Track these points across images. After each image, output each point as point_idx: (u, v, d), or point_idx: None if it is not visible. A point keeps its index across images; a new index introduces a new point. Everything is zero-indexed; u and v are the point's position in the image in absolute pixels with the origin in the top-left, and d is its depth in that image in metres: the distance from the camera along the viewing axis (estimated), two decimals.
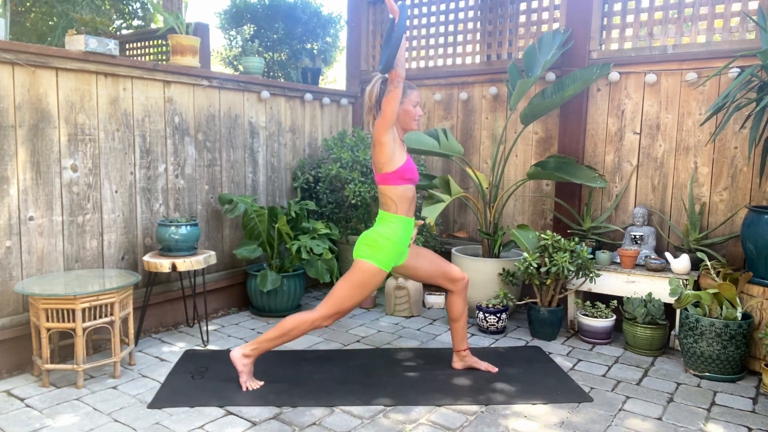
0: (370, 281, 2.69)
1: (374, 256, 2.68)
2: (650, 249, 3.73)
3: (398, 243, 2.73)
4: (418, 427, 2.46)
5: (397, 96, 2.57)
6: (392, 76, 2.55)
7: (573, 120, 4.03)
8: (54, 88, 3.05)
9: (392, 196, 2.71)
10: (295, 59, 6.66)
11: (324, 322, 2.71)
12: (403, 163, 2.70)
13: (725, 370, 2.98)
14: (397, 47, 2.46)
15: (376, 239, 2.70)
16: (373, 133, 2.67)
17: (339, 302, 2.70)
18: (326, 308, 2.70)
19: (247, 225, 3.91)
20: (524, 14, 4.35)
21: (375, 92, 2.73)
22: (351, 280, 2.69)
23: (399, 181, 2.70)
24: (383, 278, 2.73)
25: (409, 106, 2.74)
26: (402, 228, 2.75)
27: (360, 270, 2.69)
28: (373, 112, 2.76)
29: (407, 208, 2.75)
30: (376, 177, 2.76)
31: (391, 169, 2.67)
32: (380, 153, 2.66)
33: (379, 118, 2.62)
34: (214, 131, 3.94)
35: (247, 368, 2.78)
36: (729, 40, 3.54)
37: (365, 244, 2.71)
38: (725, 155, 3.58)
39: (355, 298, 2.70)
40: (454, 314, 3.00)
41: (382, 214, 2.77)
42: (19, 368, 2.99)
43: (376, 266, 2.68)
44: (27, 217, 2.98)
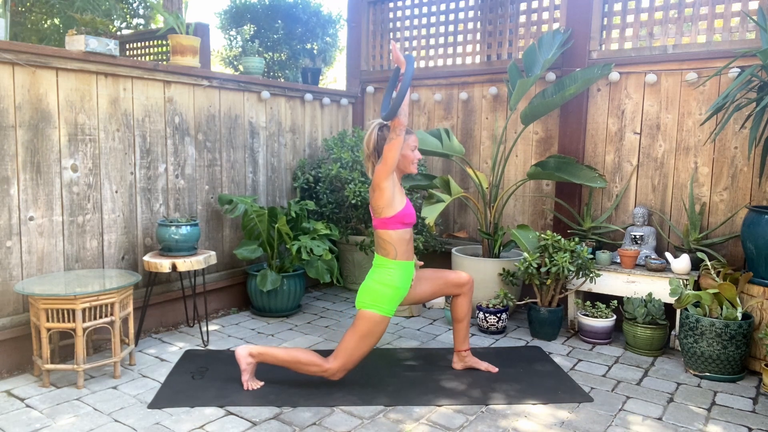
0: (376, 329, 2.70)
1: (376, 305, 2.69)
2: (650, 249, 3.73)
3: (399, 287, 2.75)
4: (418, 427, 2.46)
5: (400, 144, 2.59)
6: (395, 124, 2.57)
7: (573, 120, 4.03)
8: (54, 88, 3.05)
9: (391, 240, 2.73)
10: (295, 59, 6.66)
11: (335, 375, 2.74)
12: (402, 207, 2.72)
13: (725, 370, 2.98)
14: (402, 98, 2.50)
15: (376, 288, 2.71)
16: (373, 178, 2.68)
17: (347, 355, 2.71)
18: (338, 362, 2.71)
19: (247, 225, 3.91)
20: (524, 14, 4.35)
21: (373, 139, 2.75)
22: (357, 331, 2.70)
23: (398, 225, 2.72)
24: (388, 324, 2.75)
25: (408, 151, 2.76)
26: (402, 273, 2.76)
27: (364, 320, 2.70)
28: (372, 159, 2.78)
29: (405, 251, 2.76)
30: (374, 221, 2.77)
31: (391, 213, 2.69)
32: (380, 198, 2.67)
33: (380, 164, 2.63)
34: (215, 131, 3.94)
35: (250, 367, 2.79)
36: (729, 40, 3.54)
37: (366, 295, 2.72)
38: (725, 155, 3.58)
39: (363, 349, 2.72)
40: (458, 315, 3.00)
41: (379, 260, 2.78)
42: (20, 368, 2.99)
43: (379, 314, 2.69)
44: (27, 217, 2.98)
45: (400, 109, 2.54)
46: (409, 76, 2.50)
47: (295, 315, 4.04)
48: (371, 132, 2.75)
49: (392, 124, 2.58)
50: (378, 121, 2.76)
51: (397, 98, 2.50)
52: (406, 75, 2.50)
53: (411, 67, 2.52)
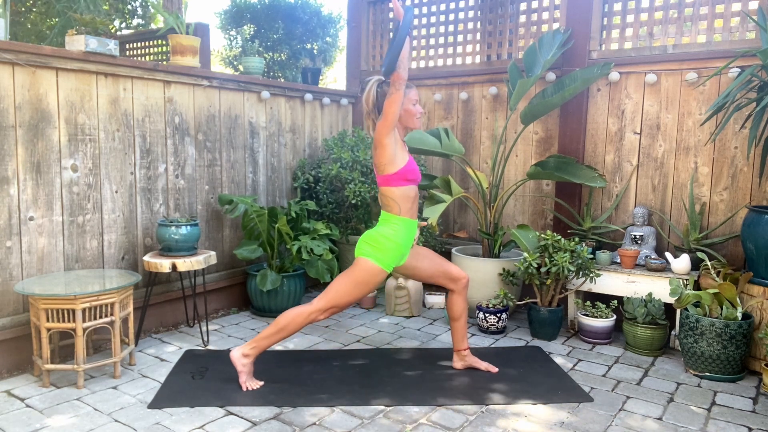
0: (370, 280, 2.69)
1: (376, 255, 2.68)
2: (650, 249, 3.73)
3: (401, 244, 2.73)
4: (418, 427, 2.46)
5: (400, 98, 2.56)
6: (394, 78, 2.54)
7: (573, 120, 4.03)
8: (54, 88, 3.05)
9: (395, 197, 2.70)
10: (295, 59, 6.66)
11: (320, 315, 2.71)
12: (405, 164, 2.69)
13: (725, 370, 2.98)
14: (399, 49, 2.44)
15: (378, 239, 2.70)
16: (374, 135, 2.66)
17: (337, 297, 2.69)
18: (323, 302, 2.70)
19: (247, 225, 3.91)
20: (524, 14, 4.35)
21: (372, 96, 2.73)
22: (351, 276, 2.69)
23: (401, 182, 2.70)
24: (384, 278, 2.73)
25: (409, 105, 2.73)
26: (405, 229, 2.74)
27: (361, 268, 2.68)
28: (372, 116, 2.76)
29: (410, 209, 2.75)
30: (377, 178, 2.75)
31: (394, 170, 2.67)
32: (382, 155, 2.65)
33: (381, 120, 2.61)
34: (215, 131, 3.94)
35: (246, 368, 2.78)
36: (729, 40, 3.54)
37: (368, 243, 2.71)
38: (725, 155, 3.58)
39: (353, 295, 2.70)
40: (454, 313, 3.00)
41: (384, 216, 2.76)
42: (20, 368, 2.99)
43: (377, 265, 2.68)
44: (27, 217, 2.98)
45: (398, 62, 2.49)
46: (406, 26, 2.41)
47: None
48: (370, 88, 2.72)
49: (392, 78, 2.54)
50: (377, 78, 2.73)
51: (394, 50, 2.43)
52: (404, 25, 2.41)
53: (409, 17, 2.43)
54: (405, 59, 2.52)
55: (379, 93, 2.71)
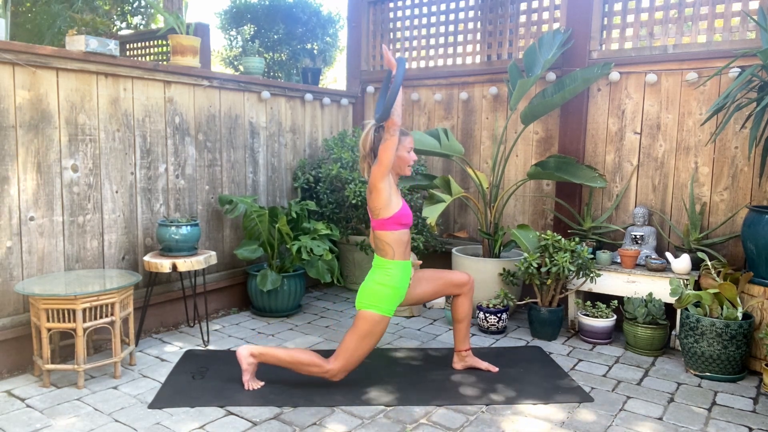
0: (376, 329, 2.71)
1: (376, 305, 2.70)
2: (651, 249, 3.72)
3: (398, 287, 2.76)
4: (418, 427, 2.46)
5: (394, 144, 2.60)
6: (389, 124, 2.58)
7: (573, 120, 4.03)
8: (54, 88, 3.05)
9: (389, 242, 2.74)
10: (296, 59, 6.66)
11: (337, 376, 2.74)
12: (399, 208, 2.72)
13: (726, 370, 2.97)
14: (394, 99, 2.51)
15: (374, 289, 2.72)
16: (369, 179, 2.70)
17: (349, 355, 2.72)
18: (339, 363, 2.72)
19: (247, 225, 3.91)
20: (524, 14, 4.35)
21: (369, 140, 2.76)
22: (357, 332, 2.71)
23: (395, 226, 2.73)
24: (387, 324, 2.76)
25: (404, 153, 2.77)
26: (400, 272, 2.77)
27: (364, 320, 2.70)
28: (368, 160, 2.79)
29: (403, 252, 2.78)
30: (372, 222, 2.78)
31: (388, 215, 2.70)
32: (377, 199, 2.68)
33: (376, 165, 2.64)
34: (215, 131, 3.94)
35: (251, 368, 2.79)
36: (729, 40, 3.54)
37: (365, 295, 2.73)
38: (726, 155, 3.58)
39: (364, 349, 2.72)
40: (459, 315, 3.00)
41: (378, 261, 2.79)
42: (20, 368, 2.99)
43: (379, 314, 2.70)
44: (27, 218, 2.98)
45: (393, 109, 2.55)
46: (399, 77, 2.53)
47: (296, 315, 4.04)
48: (367, 133, 2.76)
49: (386, 124, 2.59)
50: (374, 122, 2.77)
51: (389, 99, 2.52)
52: (397, 76, 2.53)
53: (402, 68, 2.55)
54: (398, 107, 2.59)
55: (376, 137, 2.74)
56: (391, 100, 2.51)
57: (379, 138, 2.72)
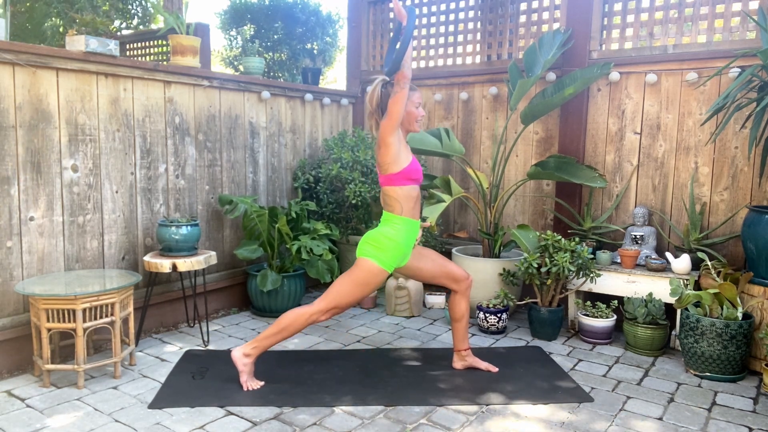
0: (372, 280, 2.69)
1: (377, 255, 2.68)
2: (651, 249, 3.72)
3: (402, 245, 2.73)
4: (418, 427, 2.46)
5: (404, 97, 2.57)
6: (399, 77, 2.55)
7: (573, 120, 4.03)
8: (54, 88, 3.05)
9: (397, 197, 2.70)
10: (296, 59, 6.66)
11: (321, 317, 2.71)
12: (409, 163, 2.70)
13: (726, 370, 2.98)
14: (404, 50, 2.48)
15: (380, 239, 2.70)
16: (378, 134, 2.66)
17: (338, 297, 2.70)
18: (324, 302, 2.70)
19: (247, 225, 3.91)
20: (524, 14, 4.35)
21: (376, 96, 2.73)
22: (352, 277, 2.69)
23: (404, 181, 2.70)
24: (385, 278, 2.73)
25: (412, 108, 2.74)
26: (407, 229, 2.74)
27: (362, 268, 2.68)
28: (375, 116, 2.76)
29: (412, 209, 2.74)
30: (380, 178, 2.75)
31: (397, 169, 2.67)
32: (386, 154, 2.65)
33: (386, 119, 2.61)
34: (215, 131, 3.94)
35: (247, 368, 2.79)
36: (729, 40, 3.54)
37: (369, 243, 2.71)
38: (726, 155, 3.58)
39: (355, 296, 2.70)
40: (456, 314, 2.99)
41: (386, 215, 2.76)
42: (20, 368, 2.99)
43: (378, 266, 2.67)
44: (27, 218, 2.98)
45: (403, 61, 2.51)
46: (410, 28, 2.47)
47: None
48: (375, 88, 2.73)
49: (396, 77, 2.56)
50: (381, 78, 2.74)
51: (399, 51, 2.48)
52: (408, 27, 2.48)
53: (413, 18, 2.49)
54: (408, 59, 2.56)
55: (383, 93, 2.72)
56: (402, 51, 2.47)
57: (387, 94, 2.69)
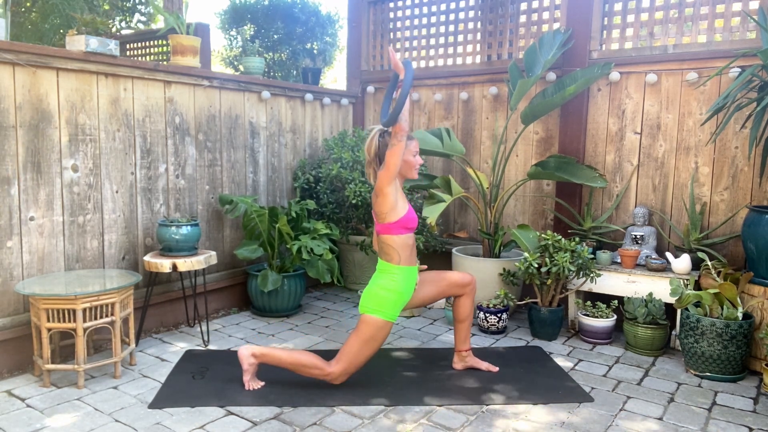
0: (378, 334, 2.70)
1: (380, 310, 2.69)
2: (651, 249, 3.72)
3: (402, 293, 2.75)
4: (418, 427, 2.46)
5: (401, 149, 2.59)
6: (396, 130, 2.57)
7: (573, 120, 4.03)
8: (55, 88, 3.05)
9: (395, 246, 2.73)
10: (296, 59, 6.66)
11: (337, 379, 2.75)
12: (405, 212, 2.72)
13: (726, 370, 2.97)
14: (402, 104, 2.50)
15: (379, 293, 2.71)
16: (375, 184, 2.69)
17: (350, 358, 2.72)
18: (340, 366, 2.72)
19: (247, 225, 3.91)
20: (524, 14, 4.35)
21: (374, 145, 2.75)
22: (360, 336, 2.71)
23: (401, 230, 2.72)
24: (390, 329, 2.75)
25: (410, 157, 2.77)
26: (405, 278, 2.76)
27: (367, 324, 2.70)
28: (373, 165, 2.78)
29: (409, 256, 2.77)
30: (377, 226, 2.77)
31: (394, 219, 2.69)
32: (384, 203, 2.67)
33: (383, 170, 2.63)
34: (215, 131, 3.94)
35: (252, 368, 2.79)
36: (730, 40, 3.54)
37: (370, 300, 2.72)
38: (726, 155, 3.58)
39: (366, 353, 2.72)
40: (460, 315, 3.00)
41: (383, 265, 2.78)
42: (20, 368, 2.99)
43: (382, 319, 2.69)
44: (28, 217, 2.98)
45: (400, 115, 2.54)
46: (408, 82, 2.51)
47: (296, 315, 4.04)
48: (372, 138, 2.75)
49: (393, 130, 2.58)
50: (379, 128, 2.77)
51: (398, 105, 2.50)
52: (406, 81, 2.51)
53: (410, 72, 2.52)
54: (406, 112, 2.58)
55: (381, 143, 2.73)
56: (400, 105, 2.49)
57: (385, 143, 2.71)
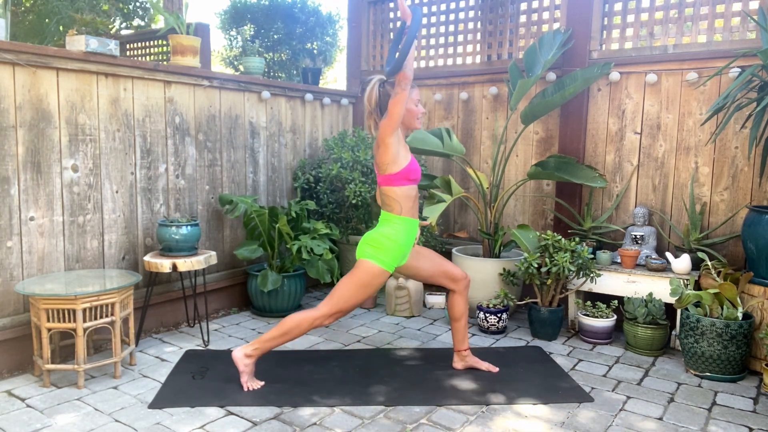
0: (373, 281, 2.68)
1: (377, 256, 2.67)
2: (651, 249, 3.72)
3: (402, 244, 2.72)
4: (418, 427, 2.46)
5: (405, 98, 2.55)
6: (400, 77, 2.53)
7: (573, 120, 4.03)
8: (55, 88, 3.05)
9: (396, 197, 2.70)
10: (296, 59, 6.66)
11: (325, 321, 2.71)
12: (408, 163, 2.69)
13: (726, 370, 2.97)
14: (408, 50, 2.45)
15: (379, 240, 2.69)
16: (377, 134, 2.65)
17: (341, 301, 2.69)
18: (327, 307, 2.70)
19: (247, 225, 3.91)
20: (524, 14, 4.35)
21: (375, 95, 2.72)
22: (353, 279, 2.69)
23: (403, 181, 2.70)
24: (386, 279, 2.72)
25: (412, 105, 2.73)
26: (406, 229, 2.73)
27: (363, 270, 2.68)
28: (374, 116, 2.75)
29: (411, 208, 2.74)
30: (378, 178, 2.74)
31: (396, 169, 2.67)
32: (385, 154, 2.64)
33: (385, 119, 2.60)
34: (215, 131, 3.94)
35: (248, 368, 2.78)
36: (730, 40, 3.54)
37: (368, 245, 2.70)
38: (726, 155, 3.58)
39: (357, 298, 2.70)
40: (455, 314, 2.99)
41: (385, 215, 2.75)
42: (20, 368, 2.99)
43: (379, 267, 2.67)
44: (28, 218, 2.98)
45: (405, 62, 2.49)
46: (415, 28, 2.44)
47: None
48: (372, 88, 2.72)
49: (398, 77, 2.53)
50: (378, 77, 2.73)
51: (402, 51, 2.45)
52: (412, 26, 2.45)
53: (417, 18, 2.46)
54: (411, 59, 2.54)
55: (382, 93, 2.71)
56: (405, 52, 2.44)
57: (386, 93, 2.68)
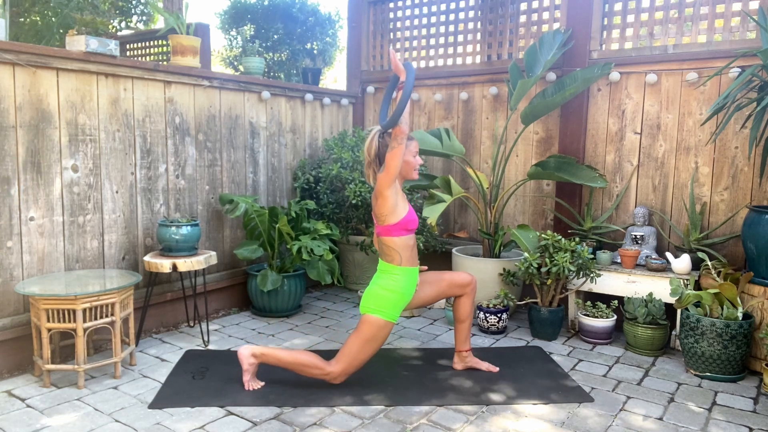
0: (378, 334, 2.70)
1: (380, 309, 2.69)
2: (651, 249, 3.72)
3: (403, 294, 2.75)
4: (418, 427, 2.46)
5: (401, 152, 2.59)
6: (396, 132, 2.56)
7: (573, 120, 4.03)
8: (55, 88, 3.05)
9: (396, 247, 2.72)
10: (295, 59, 6.66)
11: (337, 379, 2.75)
12: (405, 214, 2.72)
13: (726, 370, 2.97)
14: (404, 106, 2.49)
15: (381, 294, 2.71)
16: (375, 186, 2.68)
17: (351, 358, 2.72)
18: (340, 365, 2.72)
19: (247, 225, 3.91)
20: (525, 14, 4.35)
21: (374, 147, 2.74)
22: (360, 335, 2.71)
23: (402, 231, 2.72)
24: (391, 329, 2.75)
25: (410, 157, 2.77)
26: (407, 279, 2.76)
27: (368, 324, 2.70)
28: (373, 166, 2.78)
29: (410, 257, 2.76)
30: (377, 228, 2.77)
31: (395, 220, 2.69)
32: (383, 205, 2.67)
33: (383, 172, 2.63)
34: (215, 131, 3.94)
35: (252, 368, 2.79)
36: (730, 40, 3.54)
37: (371, 299, 2.72)
38: (726, 155, 3.58)
39: (366, 353, 2.72)
40: (460, 315, 3.00)
41: (384, 266, 2.77)
42: (20, 368, 2.99)
43: (383, 319, 2.69)
44: (28, 218, 2.98)
45: (401, 117, 2.53)
46: (410, 85, 2.50)
47: (296, 315, 4.04)
48: (372, 140, 2.74)
49: (394, 132, 2.58)
50: (378, 128, 2.76)
51: (398, 107, 2.49)
52: (407, 84, 2.50)
53: (411, 76, 2.52)
54: (407, 115, 2.57)
55: (381, 144, 2.73)
56: (401, 107, 2.49)
57: (385, 144, 2.71)
